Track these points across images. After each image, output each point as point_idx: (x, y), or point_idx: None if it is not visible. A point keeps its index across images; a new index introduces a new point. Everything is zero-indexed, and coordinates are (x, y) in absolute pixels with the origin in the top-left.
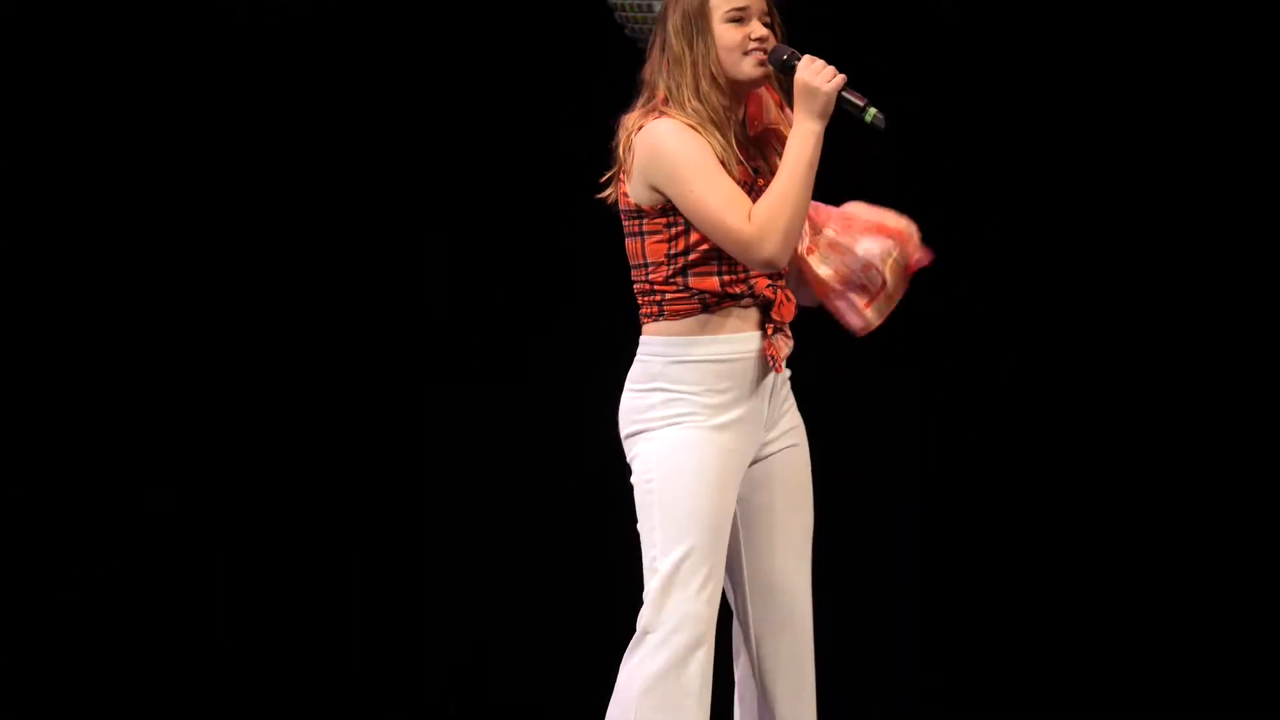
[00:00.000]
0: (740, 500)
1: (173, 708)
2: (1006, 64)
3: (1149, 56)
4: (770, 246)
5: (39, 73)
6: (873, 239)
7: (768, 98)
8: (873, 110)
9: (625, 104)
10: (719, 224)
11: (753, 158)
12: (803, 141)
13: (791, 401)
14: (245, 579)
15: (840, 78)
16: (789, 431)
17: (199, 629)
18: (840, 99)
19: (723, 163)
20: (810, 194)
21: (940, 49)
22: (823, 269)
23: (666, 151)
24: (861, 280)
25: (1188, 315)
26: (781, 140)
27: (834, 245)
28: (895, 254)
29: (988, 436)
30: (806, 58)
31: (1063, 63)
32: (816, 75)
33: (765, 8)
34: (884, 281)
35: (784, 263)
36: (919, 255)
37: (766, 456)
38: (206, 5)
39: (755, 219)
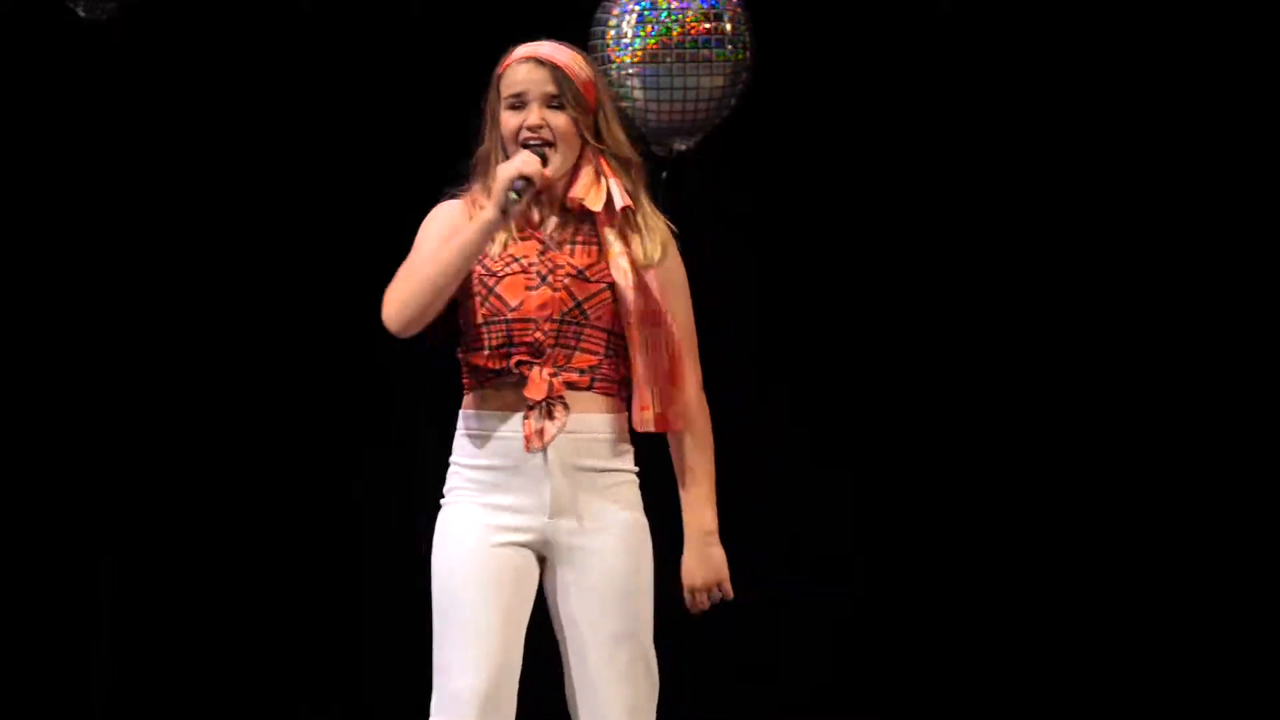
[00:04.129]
0: (550, 607)
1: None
2: (1001, 62)
3: (1144, 57)
4: (385, 310)
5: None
6: None
7: (589, 175)
8: (513, 194)
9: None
10: None
11: (564, 232)
12: (472, 225)
13: (611, 498)
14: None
15: (512, 171)
16: (596, 530)
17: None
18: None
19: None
20: (450, 277)
21: (935, 47)
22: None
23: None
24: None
25: (1177, 323)
26: (589, 218)
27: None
28: None
29: (984, 438)
30: (522, 151)
31: (1058, 60)
32: (501, 166)
33: (554, 90)
34: None
35: (401, 331)
36: None
37: (565, 555)
38: (205, 5)
39: (390, 286)
